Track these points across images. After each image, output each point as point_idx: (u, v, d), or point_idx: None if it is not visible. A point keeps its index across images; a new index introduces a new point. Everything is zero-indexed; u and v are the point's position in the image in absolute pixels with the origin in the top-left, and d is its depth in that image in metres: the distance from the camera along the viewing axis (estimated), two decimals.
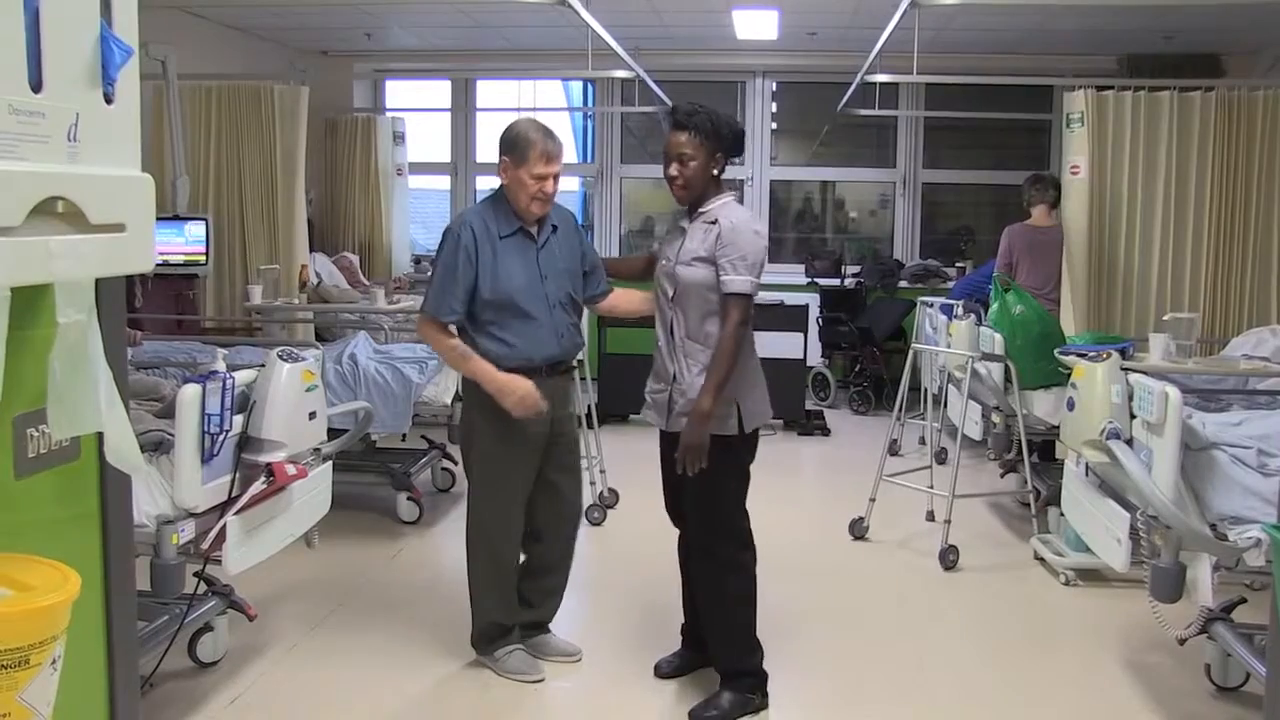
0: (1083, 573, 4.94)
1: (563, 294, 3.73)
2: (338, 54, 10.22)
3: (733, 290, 3.42)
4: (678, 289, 3.50)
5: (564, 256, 3.76)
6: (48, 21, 1.30)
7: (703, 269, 3.45)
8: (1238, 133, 6.14)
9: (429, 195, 11.33)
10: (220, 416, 3.45)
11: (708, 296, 3.46)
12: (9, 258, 1.29)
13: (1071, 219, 6.19)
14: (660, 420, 3.60)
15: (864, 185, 11.06)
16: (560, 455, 3.88)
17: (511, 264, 3.63)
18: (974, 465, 6.81)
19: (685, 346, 3.50)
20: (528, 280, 3.64)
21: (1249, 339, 5.46)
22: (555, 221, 3.75)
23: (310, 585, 4.77)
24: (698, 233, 3.51)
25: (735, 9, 8.08)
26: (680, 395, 3.50)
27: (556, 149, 3.61)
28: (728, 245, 3.42)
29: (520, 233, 3.66)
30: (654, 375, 3.64)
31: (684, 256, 3.50)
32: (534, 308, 3.64)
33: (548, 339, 3.68)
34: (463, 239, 3.60)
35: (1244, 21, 7.85)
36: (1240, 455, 3.60)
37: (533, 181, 3.57)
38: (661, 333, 3.60)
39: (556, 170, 3.61)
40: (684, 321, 3.50)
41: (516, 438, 3.68)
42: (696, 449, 3.38)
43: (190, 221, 6.68)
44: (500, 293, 3.60)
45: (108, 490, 1.88)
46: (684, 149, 3.47)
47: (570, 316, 3.78)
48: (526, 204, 3.61)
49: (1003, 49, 9.20)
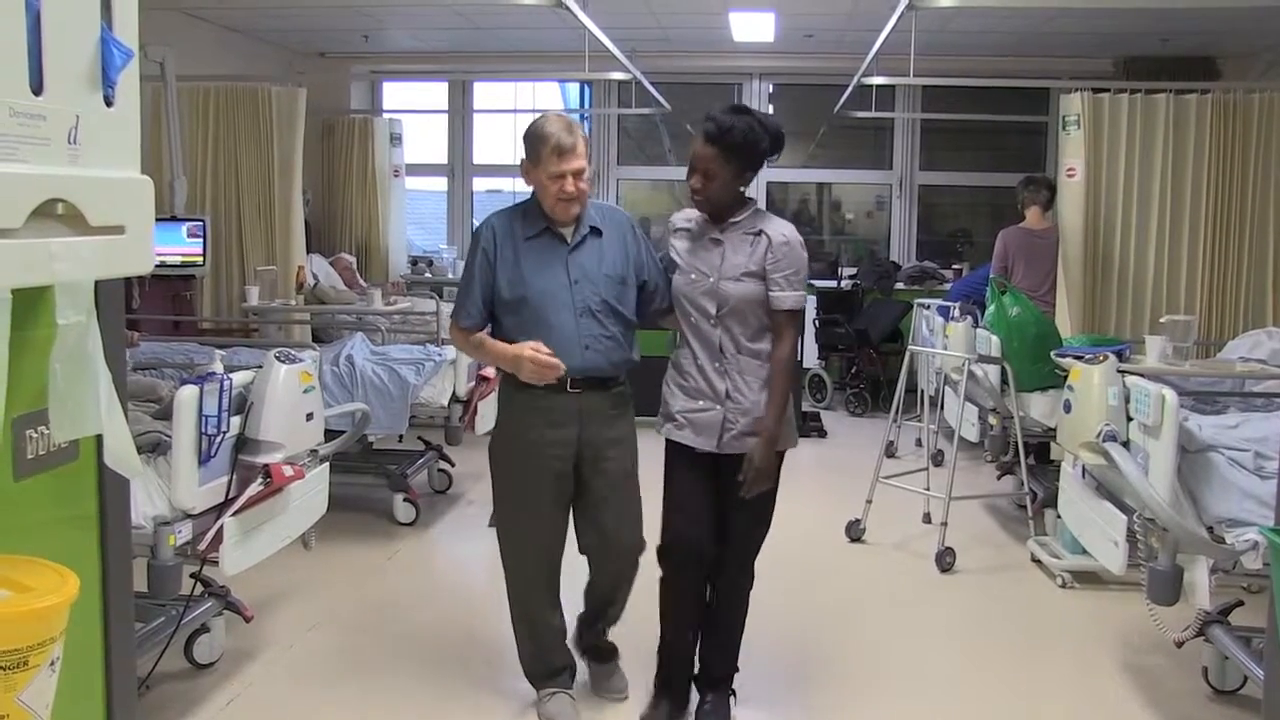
0: (1079, 575, 4.94)
1: (595, 301, 3.35)
2: (335, 55, 10.22)
3: (789, 307, 3.30)
4: (725, 305, 3.31)
5: (606, 261, 3.39)
6: (49, 24, 1.31)
7: (753, 284, 3.29)
8: (1233, 136, 6.15)
9: (426, 197, 11.34)
10: (218, 418, 3.45)
11: (759, 312, 3.31)
12: (10, 260, 1.29)
13: (1068, 221, 6.20)
14: (710, 442, 3.35)
15: (860, 187, 11.08)
16: (601, 485, 3.44)
17: (533, 266, 3.34)
18: (971, 467, 6.81)
19: (740, 364, 3.33)
20: (550, 283, 3.33)
21: (1245, 341, 5.47)
22: (599, 224, 3.42)
23: (307, 587, 4.76)
24: (741, 245, 3.33)
25: (732, 11, 8.08)
26: (741, 415, 3.31)
27: (571, 143, 3.26)
28: (781, 260, 3.28)
29: (547, 233, 3.37)
30: (688, 394, 3.38)
31: (730, 271, 3.31)
32: (554, 313, 3.31)
33: (569, 349, 3.30)
34: (482, 240, 3.39)
35: (1239, 25, 7.87)
36: (1237, 458, 3.60)
37: (551, 182, 3.28)
38: (703, 351, 3.35)
39: (575, 167, 3.27)
40: (736, 339, 3.33)
41: (533, 468, 3.39)
42: (770, 470, 3.30)
43: (188, 222, 6.67)
44: (516, 295, 3.33)
45: (106, 491, 1.88)
46: (710, 164, 3.28)
47: (603, 327, 3.36)
48: (552, 206, 3.32)
49: (999, 51, 9.22)
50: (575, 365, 3.31)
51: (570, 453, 3.39)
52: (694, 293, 3.36)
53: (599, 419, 3.40)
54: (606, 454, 3.43)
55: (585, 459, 3.41)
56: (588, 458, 3.41)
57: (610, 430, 3.44)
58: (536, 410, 3.37)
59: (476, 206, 11.12)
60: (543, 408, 3.36)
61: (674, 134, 10.67)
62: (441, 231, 11.25)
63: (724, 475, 3.36)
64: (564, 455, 3.39)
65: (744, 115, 3.32)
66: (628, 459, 3.51)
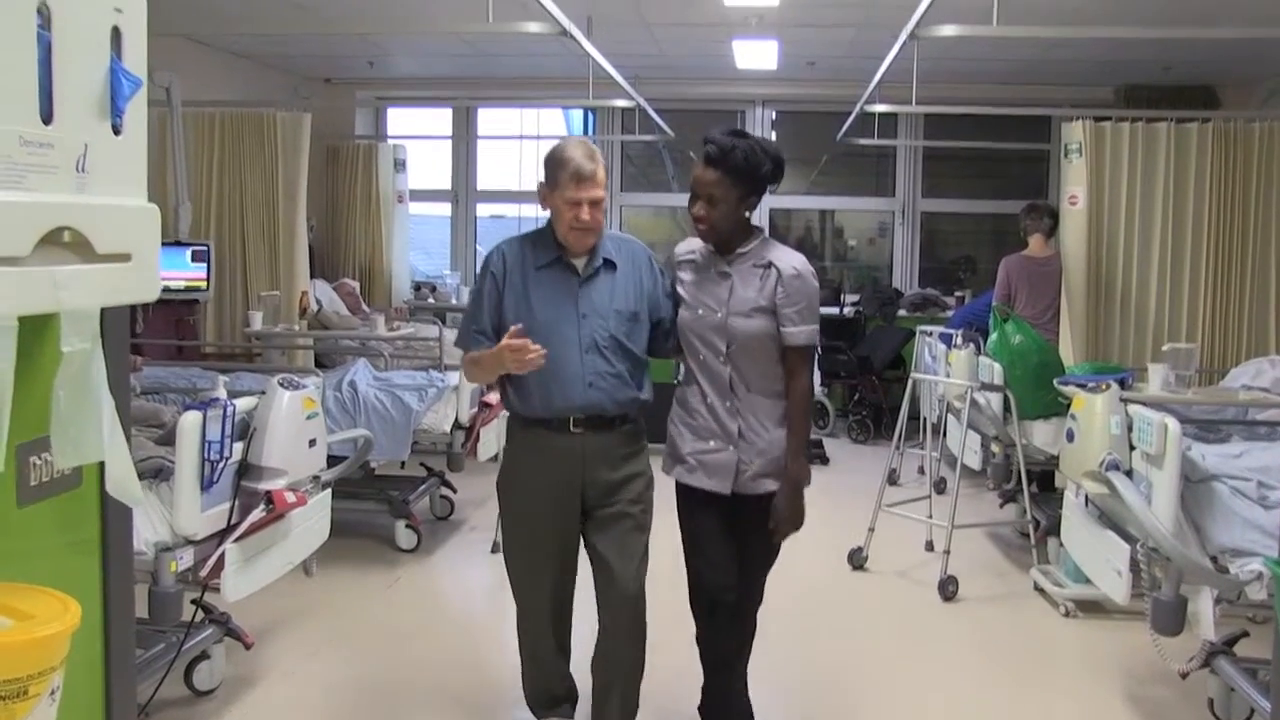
0: (1083, 604, 4.92)
1: (603, 336, 3.18)
2: (340, 81, 10.28)
3: (802, 343, 3.17)
4: (735, 343, 3.17)
5: (618, 296, 3.23)
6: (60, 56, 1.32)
7: (763, 320, 3.16)
8: (1234, 164, 6.17)
9: (430, 222, 11.37)
10: (220, 444, 3.45)
11: (770, 348, 3.18)
12: (17, 287, 1.30)
13: (1070, 249, 6.21)
14: (724, 484, 3.20)
15: (863, 214, 11.11)
16: (610, 528, 3.25)
17: (541, 296, 3.19)
18: (973, 495, 6.80)
19: (753, 403, 3.19)
20: (557, 316, 3.17)
21: (1248, 369, 5.47)
22: (614, 256, 3.26)
23: (308, 613, 4.75)
24: (750, 279, 3.19)
25: (735, 39, 8.13)
26: (757, 456, 3.18)
27: (591, 170, 3.11)
28: (792, 294, 3.15)
29: (559, 263, 3.22)
30: (697, 434, 3.24)
31: (739, 307, 3.17)
32: (559, 347, 3.12)
33: (571, 385, 3.15)
34: (491, 265, 3.26)
35: (1239, 55, 7.90)
36: (1240, 487, 3.60)
37: (566, 208, 3.12)
38: (712, 388, 3.21)
39: (592, 195, 3.11)
40: (747, 376, 3.19)
41: (535, 510, 3.27)
42: (799, 514, 3.19)
43: (192, 247, 6.69)
44: (522, 325, 3.13)
45: (109, 518, 1.87)
46: (714, 188, 3.14)
47: (610, 364, 3.18)
48: (565, 233, 3.17)
49: (1001, 79, 9.26)
50: (577, 403, 3.17)
51: (574, 494, 3.23)
52: (702, 329, 3.21)
53: (605, 460, 3.23)
54: (614, 496, 3.25)
55: (591, 500, 3.25)
56: (593, 499, 3.25)
57: (617, 471, 3.25)
58: (538, 450, 3.25)
59: (480, 232, 11.15)
60: (544, 448, 3.23)
61: (677, 161, 10.71)
62: (445, 257, 11.27)
63: (738, 516, 3.23)
64: (567, 497, 3.23)
65: (744, 138, 3.19)
66: (638, 501, 3.29)
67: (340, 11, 7.32)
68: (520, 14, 5.28)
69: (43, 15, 1.29)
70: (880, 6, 6.76)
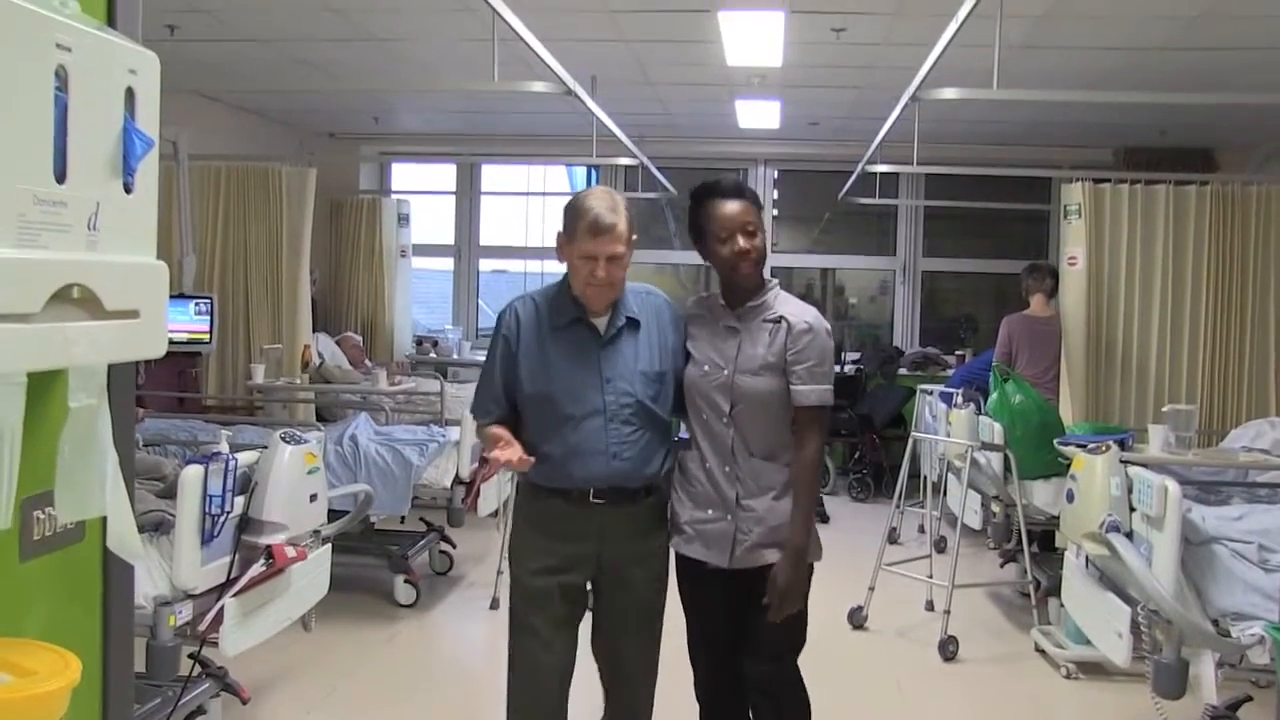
0: (1084, 665, 4.89)
1: (628, 403, 2.92)
2: (345, 136, 10.38)
3: (813, 403, 2.93)
4: (740, 403, 2.94)
5: (643, 356, 2.98)
6: (75, 117, 1.34)
7: (771, 379, 2.94)
8: (1232, 227, 6.21)
9: (432, 276, 11.43)
10: (222, 497, 3.45)
11: (778, 409, 2.95)
12: (28, 344, 1.31)
13: (1070, 309, 6.24)
14: (721, 556, 2.97)
15: (864, 272, 11.16)
16: (622, 604, 3.04)
17: (560, 359, 2.94)
18: (974, 554, 6.77)
19: (754, 468, 2.96)
20: (579, 382, 2.92)
21: (1248, 431, 5.48)
22: (636, 313, 3.01)
23: (305, 668, 4.72)
24: (760, 334, 2.97)
25: (738, 99, 8.22)
26: (755, 525, 2.94)
27: (610, 223, 2.86)
28: (804, 349, 2.93)
29: (579, 324, 2.96)
30: (696, 502, 3.01)
31: (748, 364, 2.95)
32: (582, 415, 2.90)
33: (594, 456, 2.90)
34: (504, 326, 3.01)
35: (1236, 119, 7.99)
36: (1241, 550, 3.60)
37: (582, 263, 2.88)
38: (712, 452, 2.98)
39: (610, 251, 2.87)
40: (749, 440, 2.96)
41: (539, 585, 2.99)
42: (800, 589, 2.97)
43: (195, 300, 6.72)
44: (540, 390, 2.94)
45: (110, 572, 1.87)
46: (748, 218, 2.96)
47: (636, 432, 2.94)
48: (581, 289, 2.93)
49: (1001, 140, 9.35)
50: (600, 475, 2.91)
51: (586, 570, 3.00)
52: (707, 387, 2.98)
53: (624, 535, 2.99)
54: (630, 571, 3.01)
55: (605, 575, 3.02)
56: (607, 573, 3.01)
57: (636, 547, 3.02)
58: (550, 521, 3.00)
59: (482, 287, 11.21)
60: (558, 520, 2.98)
61: (679, 218, 10.78)
62: (447, 312, 11.32)
63: (740, 590, 3.01)
64: (578, 572, 3.00)
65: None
66: (655, 579, 3.08)
67: (347, 69, 7.41)
68: (525, 73, 5.36)
69: (60, 77, 1.31)
70: (882, 69, 6.85)
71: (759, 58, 6.76)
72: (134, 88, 1.48)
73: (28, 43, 1.26)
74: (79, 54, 1.34)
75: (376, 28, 6.36)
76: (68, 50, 1.32)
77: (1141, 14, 5.58)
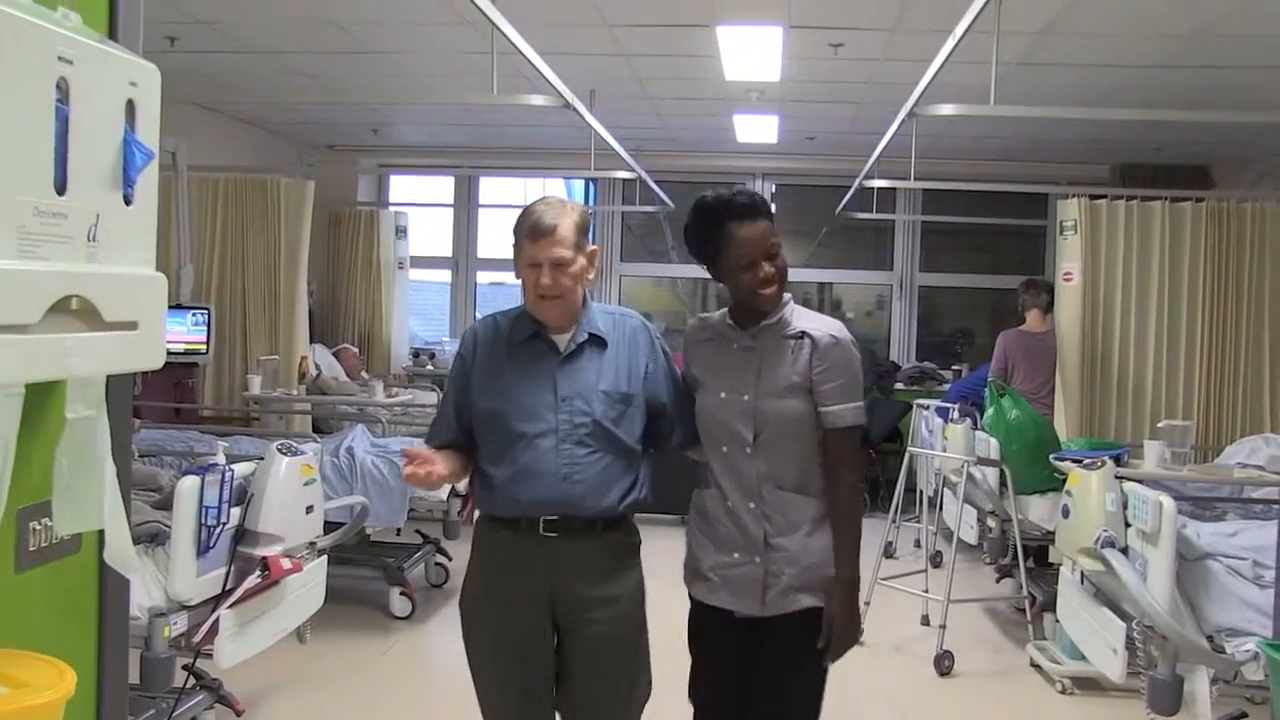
0: (1079, 681, 4.89)
1: (584, 423, 2.65)
2: (344, 148, 10.40)
3: (849, 423, 2.66)
4: (765, 431, 2.66)
5: (606, 375, 2.71)
6: (76, 129, 1.35)
7: (798, 401, 2.66)
8: (1228, 243, 6.23)
9: (430, 288, 11.44)
10: (218, 509, 3.46)
11: (806, 435, 2.67)
12: (26, 355, 1.31)
13: (1065, 324, 6.26)
14: (752, 603, 2.67)
15: (861, 287, 11.17)
16: (581, 655, 2.70)
17: (515, 376, 2.71)
18: (969, 569, 6.77)
19: (783, 503, 2.66)
20: (532, 398, 2.66)
21: (1243, 447, 5.49)
22: (604, 331, 2.75)
23: (300, 680, 4.71)
24: (780, 353, 2.69)
25: (736, 113, 8.24)
26: (787, 566, 2.63)
27: (551, 224, 2.63)
28: (832, 366, 2.65)
29: (536, 340, 2.73)
30: (719, 544, 2.71)
31: (771, 387, 2.67)
32: (533, 434, 2.64)
33: (543, 477, 2.61)
34: (462, 346, 2.84)
35: (1231, 137, 8.02)
36: (1236, 566, 3.60)
37: (527, 273, 2.68)
38: (735, 489, 2.68)
39: (553, 255, 2.63)
40: (778, 471, 2.67)
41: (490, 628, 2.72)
42: (856, 628, 2.68)
43: (193, 310, 6.72)
44: (492, 407, 2.70)
45: (106, 584, 1.87)
46: (770, 239, 2.68)
47: (593, 455, 2.64)
48: (531, 303, 2.72)
49: (998, 156, 9.38)
50: (548, 499, 2.61)
51: (540, 610, 2.66)
52: (726, 416, 2.70)
53: (581, 572, 2.66)
54: (590, 615, 2.67)
55: (561, 620, 2.68)
56: (564, 619, 2.68)
57: (596, 588, 2.67)
58: (497, 553, 2.72)
59: (480, 299, 11.21)
60: (504, 551, 2.69)
61: (676, 232, 10.78)
62: (444, 323, 11.32)
63: (767, 639, 2.70)
64: (530, 614, 2.67)
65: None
66: (623, 625, 2.72)
67: (346, 81, 7.43)
68: (524, 86, 5.38)
69: (61, 90, 1.32)
70: (879, 85, 6.87)
71: (757, 72, 6.78)
72: (134, 100, 1.49)
73: (30, 55, 1.27)
74: (80, 66, 1.35)
75: (376, 40, 6.38)
76: (69, 63, 1.33)
77: (1138, 32, 5.61)
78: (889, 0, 5.28)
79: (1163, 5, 5.14)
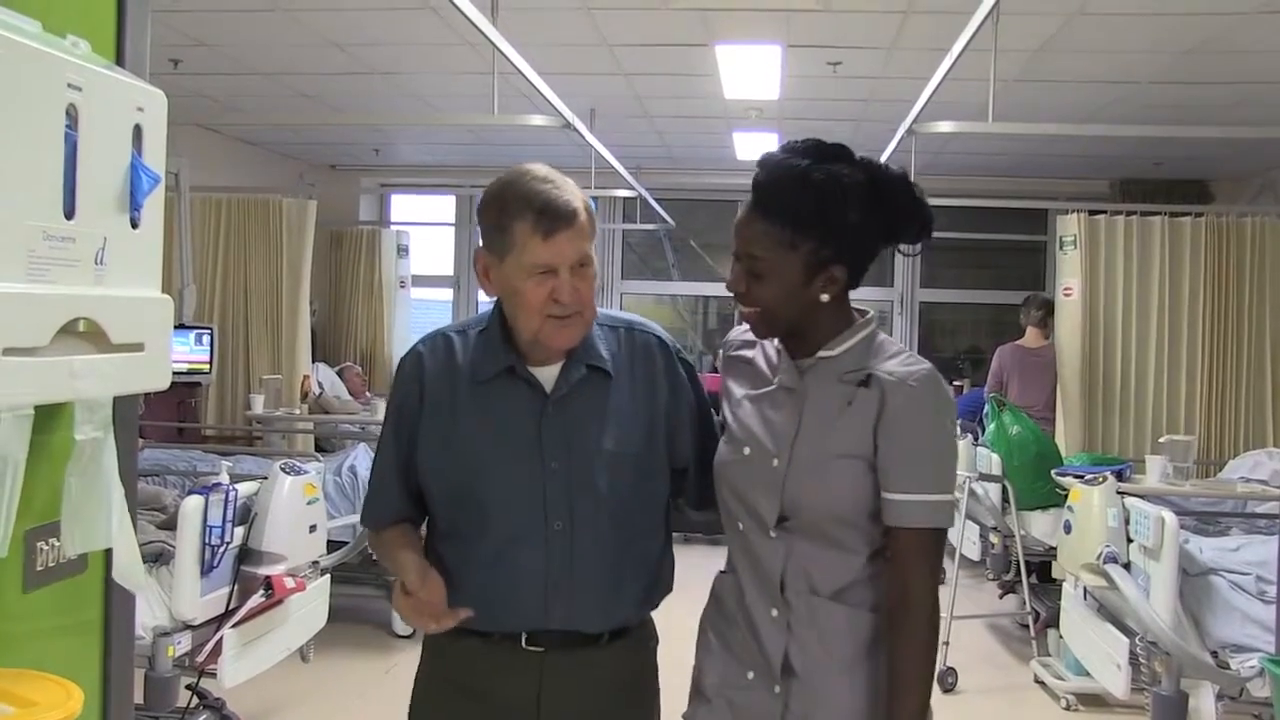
0: (1084, 697, 4.87)
1: (584, 502, 1.87)
2: (345, 168, 10.44)
3: (919, 524, 1.77)
4: (797, 513, 1.80)
5: (612, 426, 1.90)
6: (84, 154, 1.36)
7: (850, 474, 1.78)
8: (1227, 258, 6.25)
9: (431, 306, 11.47)
10: (222, 528, 3.47)
11: (859, 521, 1.79)
12: (35, 377, 1.33)
13: (1065, 339, 6.27)
14: None
15: (862, 303, 11.11)
16: None
17: (481, 429, 1.90)
18: (972, 585, 6.76)
19: (816, 612, 1.81)
20: (504, 469, 1.88)
21: (1246, 461, 5.49)
22: (606, 360, 1.92)
23: (302, 699, 4.71)
24: (832, 400, 1.81)
25: (736, 131, 8.27)
26: (811, 707, 1.80)
27: (569, 207, 1.81)
28: (905, 431, 1.78)
29: (510, 376, 1.89)
30: (731, 652, 1.90)
31: (810, 449, 1.80)
32: (510, 517, 1.88)
33: (527, 581, 1.87)
34: (401, 380, 1.99)
35: (1229, 152, 8.05)
36: (1239, 581, 3.61)
37: (534, 286, 1.80)
38: (750, 581, 1.86)
39: (580, 252, 1.82)
40: (811, 568, 1.81)
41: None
42: None
43: (196, 330, 6.74)
44: (444, 479, 1.93)
45: (112, 603, 1.88)
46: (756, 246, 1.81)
47: (597, 546, 1.88)
48: (538, 327, 1.83)
49: (997, 172, 9.41)
50: (536, 617, 1.88)
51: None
52: (745, 483, 1.86)
53: (575, 697, 1.91)
54: None
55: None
56: None
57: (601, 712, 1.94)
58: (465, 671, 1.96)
59: None
60: (477, 664, 1.94)
61: (677, 249, 10.83)
62: None
63: None
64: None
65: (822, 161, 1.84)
66: None
67: (348, 102, 7.47)
68: (525, 106, 5.40)
69: (70, 116, 1.34)
70: (878, 102, 6.90)
71: (756, 91, 6.81)
72: (141, 125, 1.51)
73: (40, 83, 1.29)
74: (89, 93, 1.36)
75: (378, 61, 6.41)
76: (78, 89, 1.34)
77: (1135, 48, 5.63)
78: (887, 19, 5.31)
79: (1160, 21, 5.17)
